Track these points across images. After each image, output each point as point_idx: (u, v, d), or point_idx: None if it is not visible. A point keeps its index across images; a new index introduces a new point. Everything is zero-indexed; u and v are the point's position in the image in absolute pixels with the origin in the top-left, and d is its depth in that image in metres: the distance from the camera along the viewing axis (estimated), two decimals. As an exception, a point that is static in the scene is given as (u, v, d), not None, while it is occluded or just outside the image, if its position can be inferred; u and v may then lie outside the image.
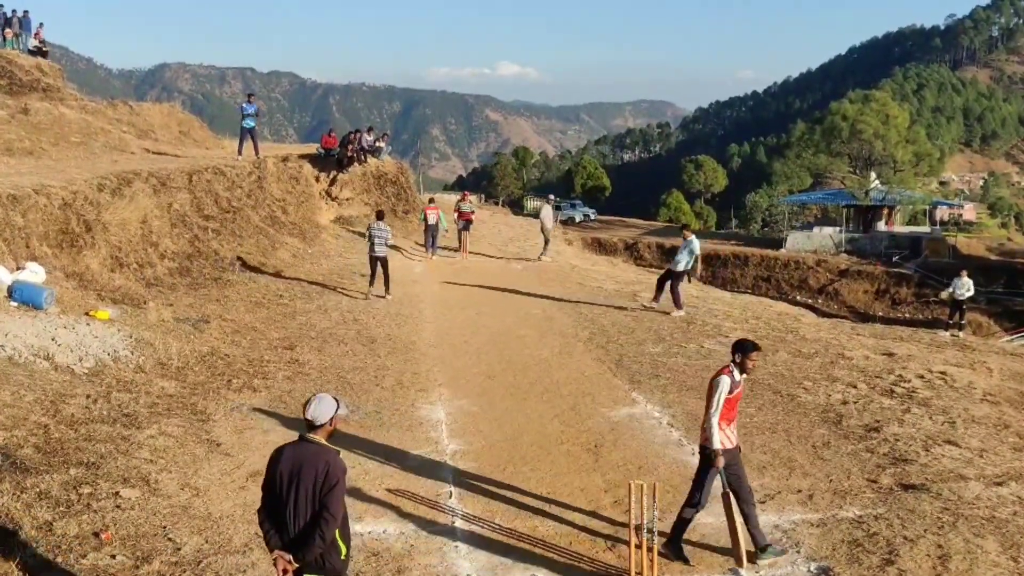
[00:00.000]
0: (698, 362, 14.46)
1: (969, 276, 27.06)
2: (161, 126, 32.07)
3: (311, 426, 5.28)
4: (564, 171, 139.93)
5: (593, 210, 78.01)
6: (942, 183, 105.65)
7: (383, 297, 19.31)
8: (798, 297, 48.68)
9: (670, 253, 59.65)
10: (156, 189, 19.63)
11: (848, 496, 8.93)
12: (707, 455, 7.69)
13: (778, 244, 60.27)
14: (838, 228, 62.61)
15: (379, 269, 19.47)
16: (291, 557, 5.10)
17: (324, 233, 26.65)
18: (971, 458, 9.98)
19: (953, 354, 16.12)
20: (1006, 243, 79.77)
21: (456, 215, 28.48)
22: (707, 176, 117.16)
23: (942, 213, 77.35)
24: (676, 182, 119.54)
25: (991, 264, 58.03)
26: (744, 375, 7.83)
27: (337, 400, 5.35)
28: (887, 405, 12.01)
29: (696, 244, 18.71)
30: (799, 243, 60.02)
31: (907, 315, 47.74)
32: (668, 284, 18.74)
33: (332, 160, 30.78)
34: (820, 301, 49.96)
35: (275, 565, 5.16)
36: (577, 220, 68.95)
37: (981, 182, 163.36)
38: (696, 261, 18.63)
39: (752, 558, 7.50)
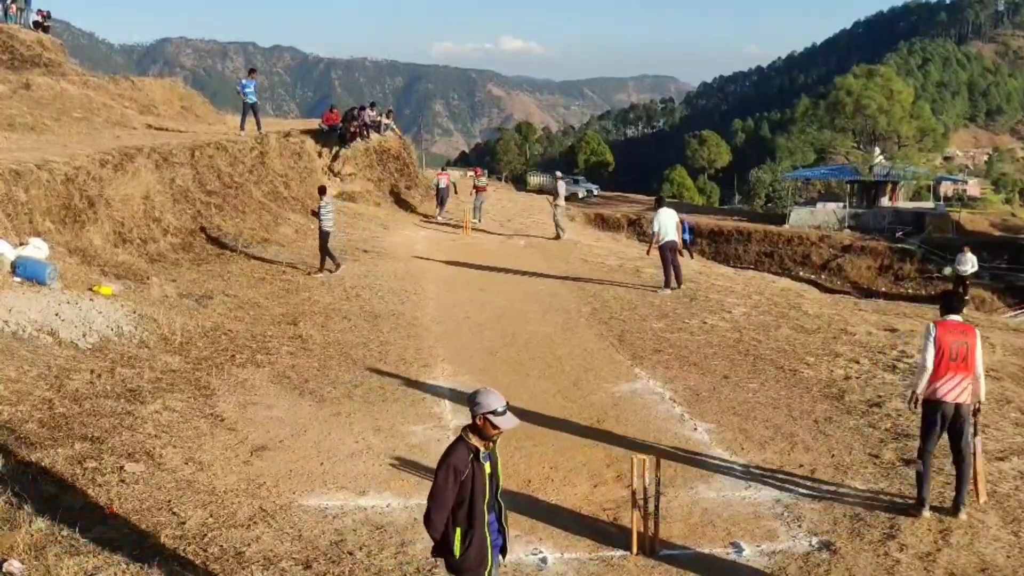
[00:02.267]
0: (700, 337, 14.47)
1: (972, 252, 27.02)
2: (163, 101, 31.97)
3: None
4: (567, 147, 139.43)
5: (596, 186, 77.82)
6: (946, 158, 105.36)
7: (329, 271, 18.83)
8: (801, 273, 48.63)
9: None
10: (158, 164, 19.60)
11: (850, 471, 8.96)
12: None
13: (781, 220, 60.15)
14: (841, 204, 62.40)
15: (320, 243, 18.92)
16: None
17: (326, 209, 26.63)
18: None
19: (956, 330, 16.09)
20: (1010, 219, 79.45)
21: (474, 191, 31.30)
22: (711, 152, 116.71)
23: (946, 189, 77.21)
24: (680, 158, 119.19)
25: (995, 240, 57.91)
26: None
27: (503, 404, 5.07)
28: (889, 380, 12.01)
29: (657, 217, 18.50)
30: (802, 219, 59.87)
31: (910, 291, 47.71)
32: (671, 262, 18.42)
33: (334, 136, 30.70)
34: (823, 277, 49.96)
35: None
36: (580, 196, 68.75)
37: (985, 158, 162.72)
38: (655, 233, 18.32)
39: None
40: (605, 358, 13.34)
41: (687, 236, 35.10)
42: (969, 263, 26.41)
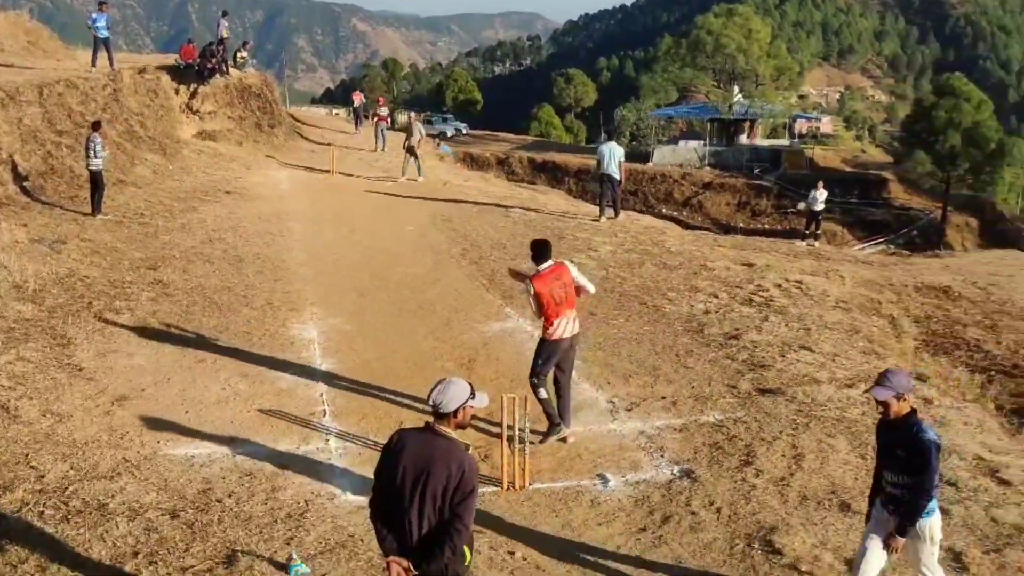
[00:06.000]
0: (568, 276, 14.69)
1: (825, 187, 28.09)
2: (6, 36, 30.01)
3: (436, 414, 4.56)
4: (435, 84, 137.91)
5: (465, 124, 77.50)
6: (801, 97, 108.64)
7: (98, 215, 17.06)
8: (664, 210, 49.84)
9: (541, 168, 60.13)
10: (3, 103, 18.52)
11: (709, 401, 9.34)
12: None
13: (646, 158, 61.25)
14: (702, 142, 63.92)
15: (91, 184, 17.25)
16: (409, 564, 4.47)
17: (186, 149, 25.66)
18: (824, 362, 10.54)
19: (809, 263, 16.85)
20: (860, 155, 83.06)
21: (375, 119, 34.23)
22: (577, 90, 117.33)
23: (801, 126, 79.81)
24: (547, 96, 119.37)
25: (846, 176, 60.44)
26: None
27: (472, 387, 4.63)
28: (746, 314, 12.51)
29: (599, 149, 20.15)
30: (665, 157, 61.18)
31: (766, 226, 49.52)
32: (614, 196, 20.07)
33: (192, 72, 29.48)
34: (685, 214, 51.36)
35: (387, 570, 4.54)
36: (449, 135, 68.37)
37: (838, 96, 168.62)
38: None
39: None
40: (476, 298, 13.44)
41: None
42: (821, 198, 27.43)
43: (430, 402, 4.56)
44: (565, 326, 8.26)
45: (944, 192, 59.30)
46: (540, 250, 8.35)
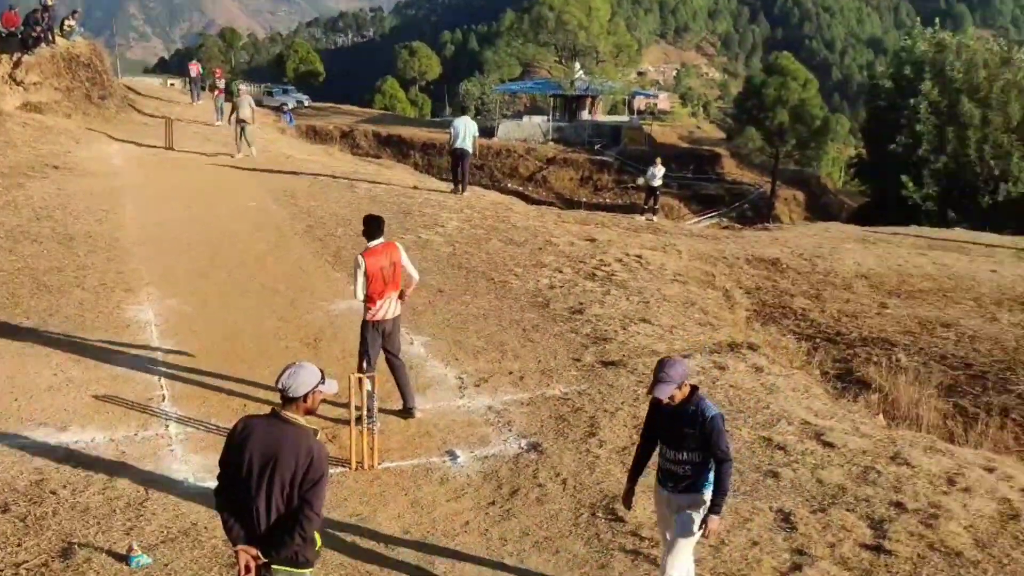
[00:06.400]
0: (416, 252, 14.62)
1: (663, 163, 28.93)
2: None
3: (285, 399, 4.44)
4: (275, 55, 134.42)
5: (307, 96, 75.96)
6: (640, 74, 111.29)
7: None
8: (509, 185, 50.28)
9: (387, 141, 59.63)
10: None
11: (555, 375, 9.56)
12: None
13: (490, 133, 61.55)
14: (546, 117, 64.74)
15: None
16: (258, 552, 4.36)
17: (9, 121, 24.21)
18: (662, 334, 10.93)
19: (648, 238, 17.38)
20: (695, 131, 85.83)
21: (219, 93, 32.88)
22: (421, 63, 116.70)
23: (640, 103, 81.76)
24: (390, 69, 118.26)
25: (682, 151, 62.43)
26: None
27: (322, 372, 4.52)
28: (589, 288, 12.83)
29: (453, 124, 20.24)
30: (510, 132, 61.65)
31: (608, 200, 50.65)
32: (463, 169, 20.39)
33: (15, 41, 27.77)
34: (530, 188, 51.97)
35: (236, 558, 4.40)
36: (290, 107, 66.83)
37: (674, 73, 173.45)
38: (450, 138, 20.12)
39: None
40: (321, 276, 13.27)
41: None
42: (659, 173, 28.24)
43: (279, 386, 4.45)
44: (387, 307, 8.27)
45: (773, 167, 62.08)
46: (372, 226, 8.35)
